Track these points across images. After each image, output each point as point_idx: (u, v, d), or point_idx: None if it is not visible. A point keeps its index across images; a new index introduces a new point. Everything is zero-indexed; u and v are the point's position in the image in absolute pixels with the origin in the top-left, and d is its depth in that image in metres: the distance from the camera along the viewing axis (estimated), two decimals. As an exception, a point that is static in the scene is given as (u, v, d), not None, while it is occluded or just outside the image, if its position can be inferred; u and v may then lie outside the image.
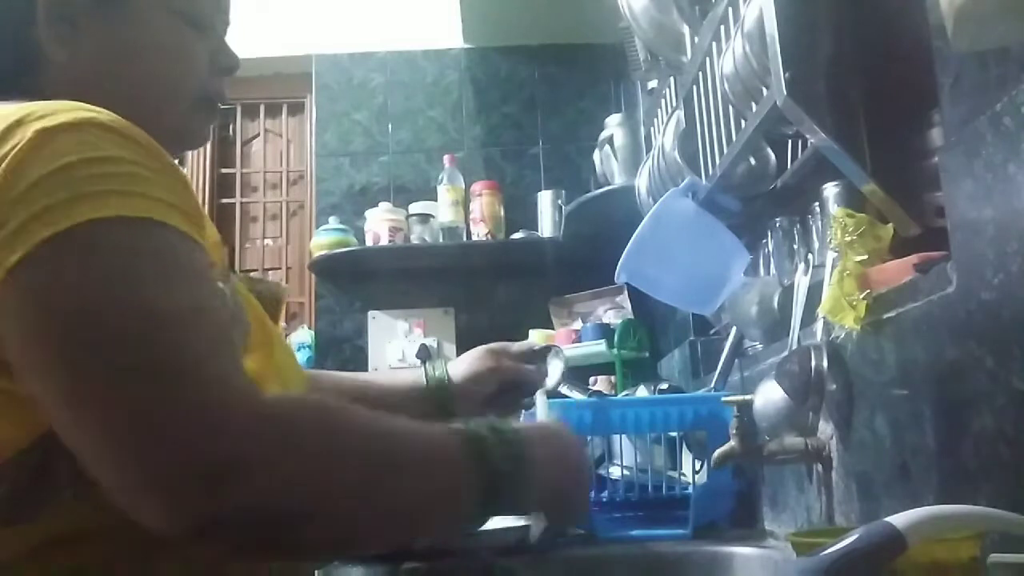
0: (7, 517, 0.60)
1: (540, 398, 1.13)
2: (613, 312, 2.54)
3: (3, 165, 0.57)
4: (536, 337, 2.46)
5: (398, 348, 2.65)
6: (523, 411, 1.16)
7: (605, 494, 1.46)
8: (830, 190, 1.23)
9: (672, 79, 1.70)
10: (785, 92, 1.00)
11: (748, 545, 1.26)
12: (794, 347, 1.14)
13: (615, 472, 1.47)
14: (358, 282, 2.72)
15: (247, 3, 0.84)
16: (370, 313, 2.73)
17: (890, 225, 0.99)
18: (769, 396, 1.10)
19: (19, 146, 0.58)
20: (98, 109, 0.63)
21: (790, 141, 1.35)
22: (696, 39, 1.43)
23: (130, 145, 0.62)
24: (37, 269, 0.55)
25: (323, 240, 2.62)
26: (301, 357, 2.60)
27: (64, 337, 0.54)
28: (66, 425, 0.55)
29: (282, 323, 0.93)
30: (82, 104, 0.63)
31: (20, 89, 0.68)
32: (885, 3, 1.09)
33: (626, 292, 2.52)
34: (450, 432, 0.66)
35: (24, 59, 0.74)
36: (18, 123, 0.60)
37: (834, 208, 1.17)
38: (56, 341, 0.54)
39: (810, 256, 1.22)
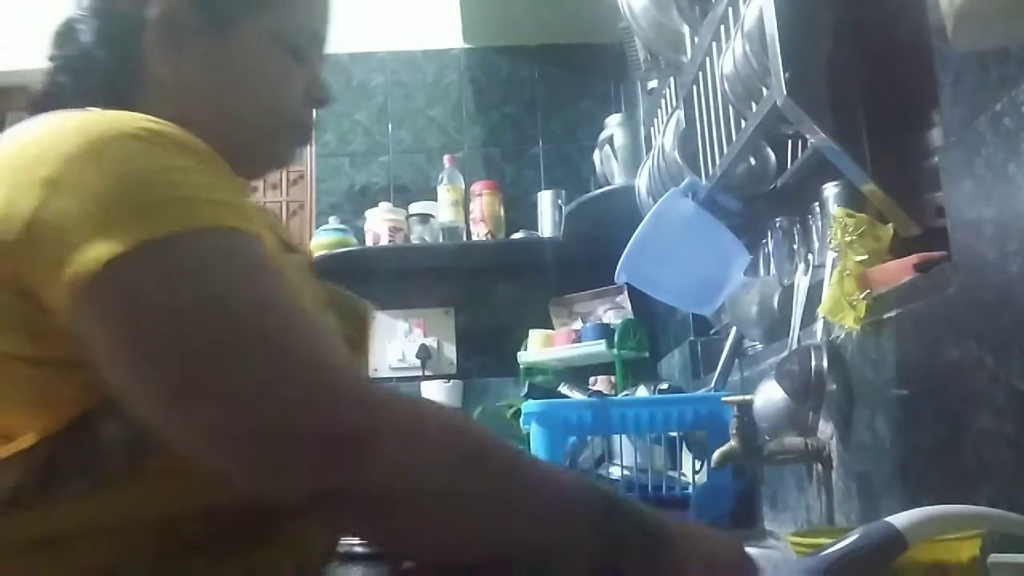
0: (29, 501, 0.60)
1: None
2: (613, 312, 2.54)
3: (72, 168, 0.57)
4: (536, 337, 2.46)
5: (398, 348, 2.65)
6: None
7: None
8: (830, 190, 1.23)
9: (672, 79, 1.70)
10: (785, 92, 1.00)
11: (748, 545, 1.26)
12: (794, 347, 1.14)
13: (615, 472, 1.47)
14: (358, 282, 2.67)
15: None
16: (370, 313, 2.72)
17: (890, 225, 0.99)
18: (769, 396, 1.10)
19: (86, 151, 0.58)
20: (159, 120, 0.63)
21: (790, 141, 1.35)
22: (696, 39, 1.43)
23: (191, 155, 0.62)
24: (135, 270, 0.55)
25: (323, 240, 2.62)
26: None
27: (174, 336, 0.55)
28: (173, 419, 0.55)
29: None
30: (142, 115, 0.63)
31: (121, 101, 0.68)
32: (885, 3, 1.09)
33: (626, 292, 2.52)
34: (579, 479, 0.64)
35: (129, 72, 0.75)
36: (77, 130, 0.60)
37: (834, 208, 1.17)
38: (162, 340, 0.55)
39: (810, 256, 1.22)
